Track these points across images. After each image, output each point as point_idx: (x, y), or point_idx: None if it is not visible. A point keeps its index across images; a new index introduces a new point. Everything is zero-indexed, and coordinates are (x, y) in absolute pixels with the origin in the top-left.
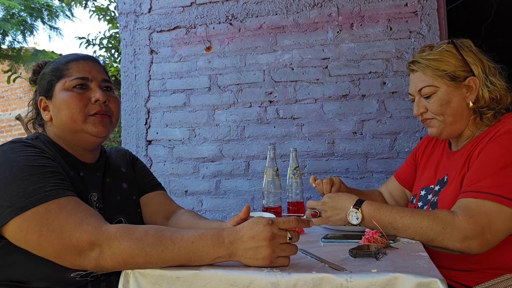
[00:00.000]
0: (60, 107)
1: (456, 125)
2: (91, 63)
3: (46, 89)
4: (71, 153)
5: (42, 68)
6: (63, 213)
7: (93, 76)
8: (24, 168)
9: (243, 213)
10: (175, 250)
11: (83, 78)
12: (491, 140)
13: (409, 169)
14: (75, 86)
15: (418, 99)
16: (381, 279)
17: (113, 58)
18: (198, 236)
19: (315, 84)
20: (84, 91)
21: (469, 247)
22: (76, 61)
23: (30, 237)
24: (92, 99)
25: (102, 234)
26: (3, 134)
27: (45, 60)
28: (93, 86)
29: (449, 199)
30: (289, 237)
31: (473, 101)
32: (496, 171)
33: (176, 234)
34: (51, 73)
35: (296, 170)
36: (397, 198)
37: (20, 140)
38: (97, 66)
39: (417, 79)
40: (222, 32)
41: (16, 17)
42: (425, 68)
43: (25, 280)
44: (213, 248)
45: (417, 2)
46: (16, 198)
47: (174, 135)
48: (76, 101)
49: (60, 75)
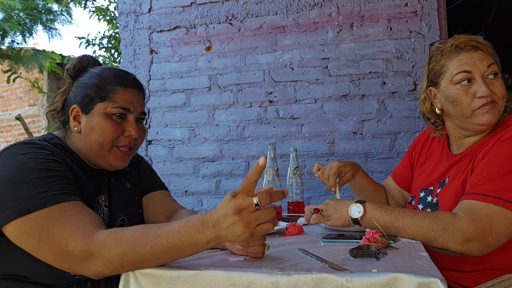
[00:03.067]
0: (94, 129)
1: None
2: (136, 92)
3: (85, 103)
4: (85, 161)
5: (85, 67)
6: (63, 218)
7: (134, 108)
8: (31, 170)
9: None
10: (163, 243)
11: (125, 109)
12: (497, 143)
13: (405, 170)
14: (115, 114)
15: (482, 80)
16: (382, 279)
17: (113, 58)
18: (183, 225)
19: (315, 84)
20: (121, 121)
21: (470, 249)
22: (124, 87)
23: (30, 240)
24: (126, 132)
25: (93, 244)
26: (3, 134)
27: (89, 57)
28: (131, 118)
29: (450, 200)
30: (255, 203)
31: None
32: (501, 174)
33: (163, 228)
34: (95, 89)
35: (296, 170)
36: (395, 197)
37: (32, 141)
38: (140, 96)
39: (482, 56)
40: (222, 32)
41: (16, 18)
42: (487, 48)
43: (25, 275)
44: (199, 233)
45: (417, 2)
46: (20, 200)
47: (174, 135)
48: (111, 131)
49: (104, 96)
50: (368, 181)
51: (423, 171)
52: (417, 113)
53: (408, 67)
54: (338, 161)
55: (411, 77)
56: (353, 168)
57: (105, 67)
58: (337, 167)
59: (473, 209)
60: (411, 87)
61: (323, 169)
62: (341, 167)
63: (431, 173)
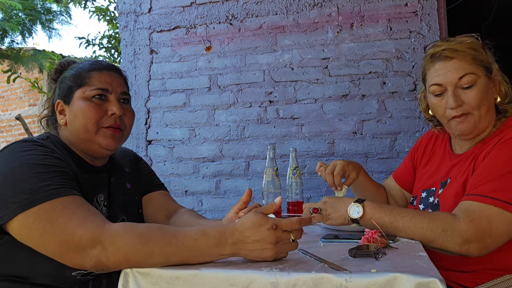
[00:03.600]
0: (76, 114)
1: (486, 122)
2: (113, 74)
3: (65, 94)
4: (80, 156)
5: (65, 68)
6: (67, 211)
7: (113, 88)
8: (33, 166)
9: (245, 196)
10: (178, 245)
11: (103, 89)
12: (498, 144)
13: (407, 171)
14: (94, 96)
15: (453, 91)
16: (381, 279)
17: (113, 58)
18: (200, 233)
19: (315, 84)
20: (102, 102)
21: (469, 250)
22: (99, 70)
23: (33, 234)
24: (108, 111)
25: (105, 232)
26: (3, 134)
27: (69, 60)
28: (112, 98)
29: (451, 200)
30: (292, 239)
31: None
32: (501, 175)
33: (179, 230)
34: (72, 78)
35: (295, 170)
36: (396, 198)
37: (31, 139)
38: (118, 77)
39: (454, 67)
40: (222, 32)
41: (15, 18)
42: (465, 54)
43: (27, 276)
44: (216, 247)
45: (417, 2)
46: (23, 195)
47: (174, 135)
48: (93, 112)
49: (81, 82)
50: (368, 180)
51: (425, 172)
52: (417, 113)
53: (408, 67)
54: (342, 160)
55: (411, 77)
56: (356, 167)
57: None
58: (341, 166)
59: (473, 210)
60: (411, 87)
61: (325, 165)
62: (345, 166)
63: (433, 174)
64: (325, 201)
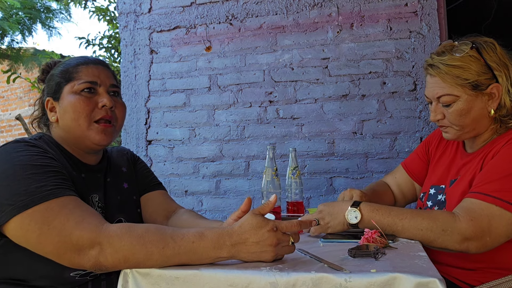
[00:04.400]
0: (67, 109)
1: (474, 132)
2: (100, 67)
3: (54, 91)
4: (74, 154)
5: (52, 67)
6: (64, 211)
7: (101, 81)
8: (27, 167)
9: (244, 206)
10: (175, 247)
11: (91, 82)
12: (506, 144)
13: (421, 162)
14: (83, 89)
15: (436, 105)
16: (380, 279)
17: (113, 58)
18: (198, 236)
19: (315, 84)
20: (91, 95)
21: (467, 248)
22: (86, 64)
23: (30, 235)
24: (99, 104)
25: (103, 232)
26: (3, 134)
27: (55, 60)
28: (101, 90)
29: (457, 198)
30: (291, 242)
31: (495, 109)
32: (506, 175)
33: (177, 232)
34: (60, 75)
35: (295, 170)
36: (405, 191)
37: (23, 139)
38: (106, 70)
39: (436, 85)
40: (222, 32)
41: (15, 17)
42: (445, 75)
43: (25, 278)
44: (213, 249)
45: (417, 2)
46: (17, 197)
47: (174, 135)
48: (83, 105)
49: (69, 77)
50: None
51: (437, 168)
52: (417, 113)
53: (408, 67)
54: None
55: (411, 77)
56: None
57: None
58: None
59: (474, 208)
60: (411, 87)
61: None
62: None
63: (444, 171)
64: (321, 210)
